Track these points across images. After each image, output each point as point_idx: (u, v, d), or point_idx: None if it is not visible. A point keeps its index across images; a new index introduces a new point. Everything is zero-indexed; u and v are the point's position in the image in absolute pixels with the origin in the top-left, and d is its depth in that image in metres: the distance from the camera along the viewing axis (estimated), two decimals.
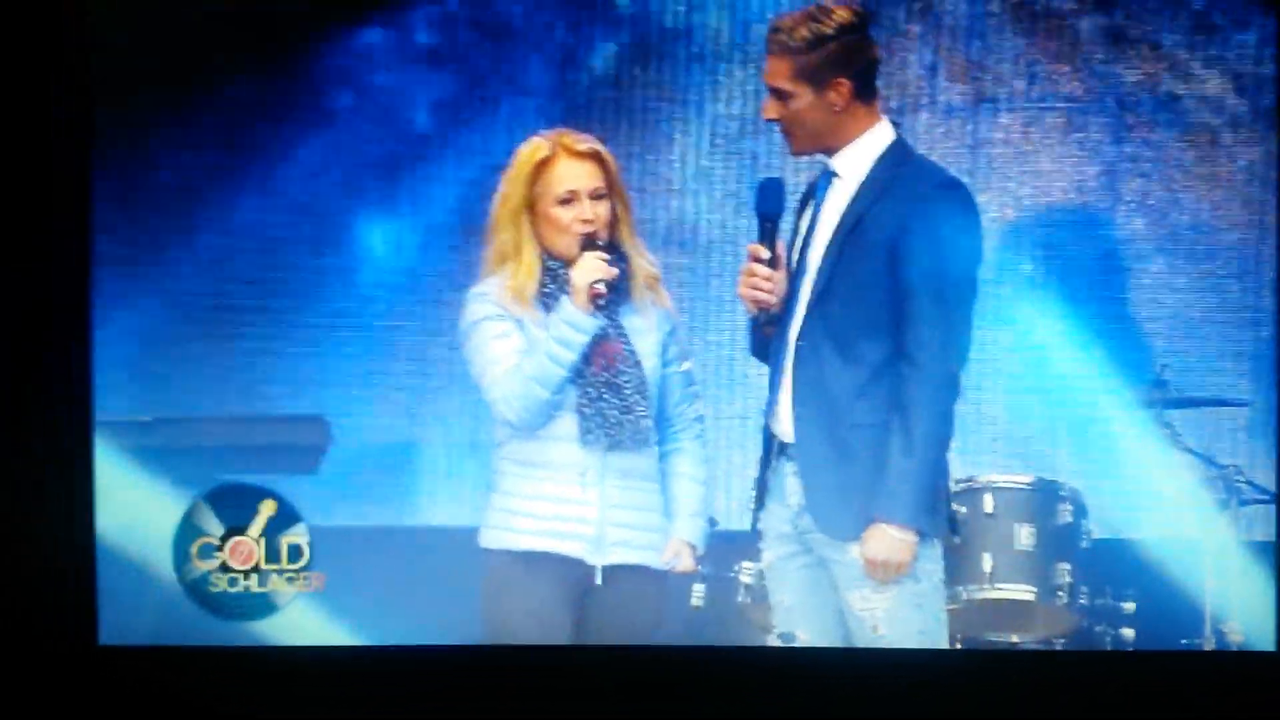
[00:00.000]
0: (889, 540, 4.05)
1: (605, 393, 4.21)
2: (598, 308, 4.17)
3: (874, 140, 4.12)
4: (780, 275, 4.13)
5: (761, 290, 4.11)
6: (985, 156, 4.65)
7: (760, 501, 4.21)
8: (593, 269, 4.17)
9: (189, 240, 4.64)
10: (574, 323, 4.17)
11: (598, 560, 4.21)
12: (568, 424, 4.21)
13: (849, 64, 4.07)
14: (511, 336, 4.20)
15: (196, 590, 4.56)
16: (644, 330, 4.27)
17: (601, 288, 4.16)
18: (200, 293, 4.65)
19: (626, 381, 4.22)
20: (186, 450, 4.59)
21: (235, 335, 4.64)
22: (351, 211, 4.67)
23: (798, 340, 4.11)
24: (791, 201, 4.19)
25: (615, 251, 4.22)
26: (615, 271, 4.18)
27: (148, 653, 4.57)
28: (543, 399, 4.18)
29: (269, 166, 4.65)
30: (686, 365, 4.37)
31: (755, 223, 4.15)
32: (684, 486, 4.29)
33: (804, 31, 4.05)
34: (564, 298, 4.19)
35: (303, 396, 4.66)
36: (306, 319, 4.67)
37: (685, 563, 4.29)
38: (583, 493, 4.20)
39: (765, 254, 4.11)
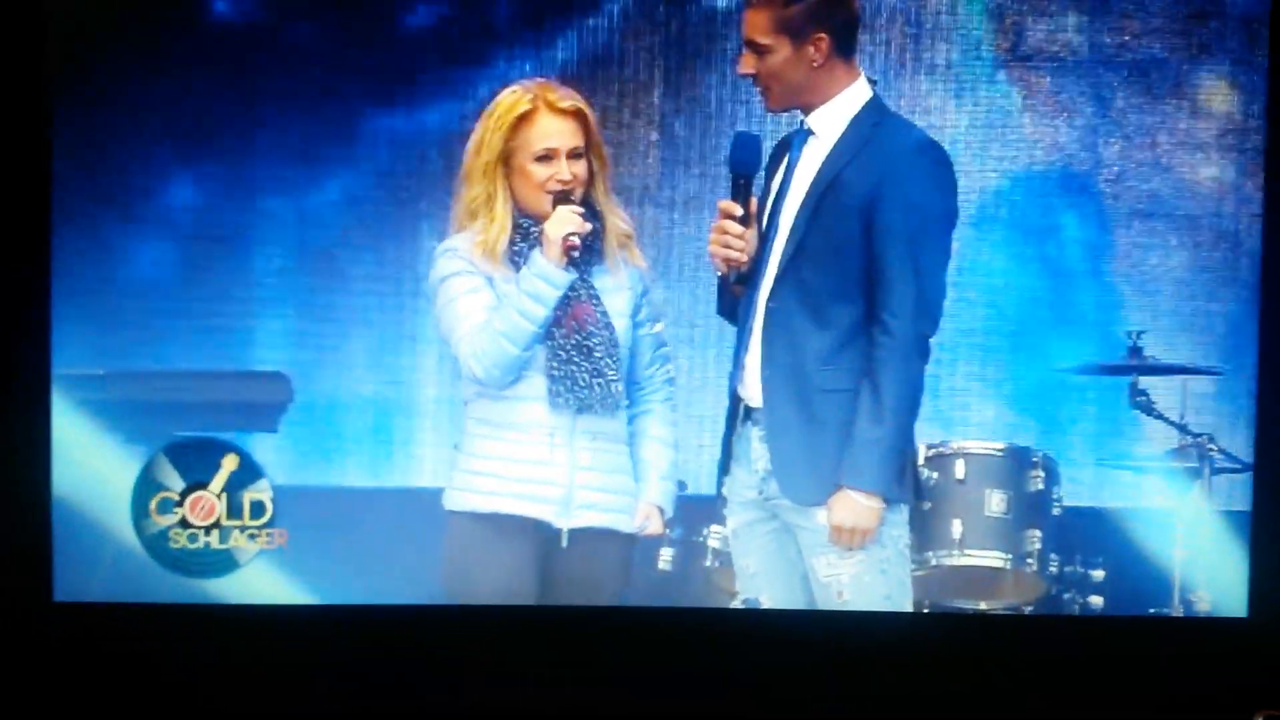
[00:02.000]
0: (855, 506, 4.03)
1: (575, 355, 4.16)
2: (571, 261, 4.11)
3: (851, 98, 4.08)
4: (752, 233, 4.09)
5: (733, 249, 4.07)
6: (965, 117, 4.59)
7: (725, 466, 4.19)
8: (566, 221, 4.11)
9: (149, 192, 4.57)
10: (546, 276, 4.11)
11: (564, 523, 4.17)
12: (536, 385, 4.16)
13: (828, 19, 4.03)
14: (481, 292, 4.14)
15: (155, 546, 4.51)
16: (616, 289, 4.21)
17: (575, 240, 4.10)
18: (160, 245, 4.58)
19: (598, 344, 4.17)
20: (142, 405, 4.52)
21: (195, 288, 4.57)
22: (315, 163, 4.60)
23: (768, 302, 4.08)
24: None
25: (589, 209, 4.16)
26: (589, 226, 4.13)
27: (104, 609, 4.52)
28: (513, 355, 4.13)
29: (231, 119, 4.56)
30: (658, 327, 4.32)
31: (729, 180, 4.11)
32: (653, 449, 4.25)
33: None
34: (535, 251, 4.13)
35: (264, 352, 4.59)
36: (268, 273, 4.61)
37: (655, 526, 4.26)
38: (550, 454, 4.16)
39: (738, 211, 4.07)
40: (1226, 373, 4.58)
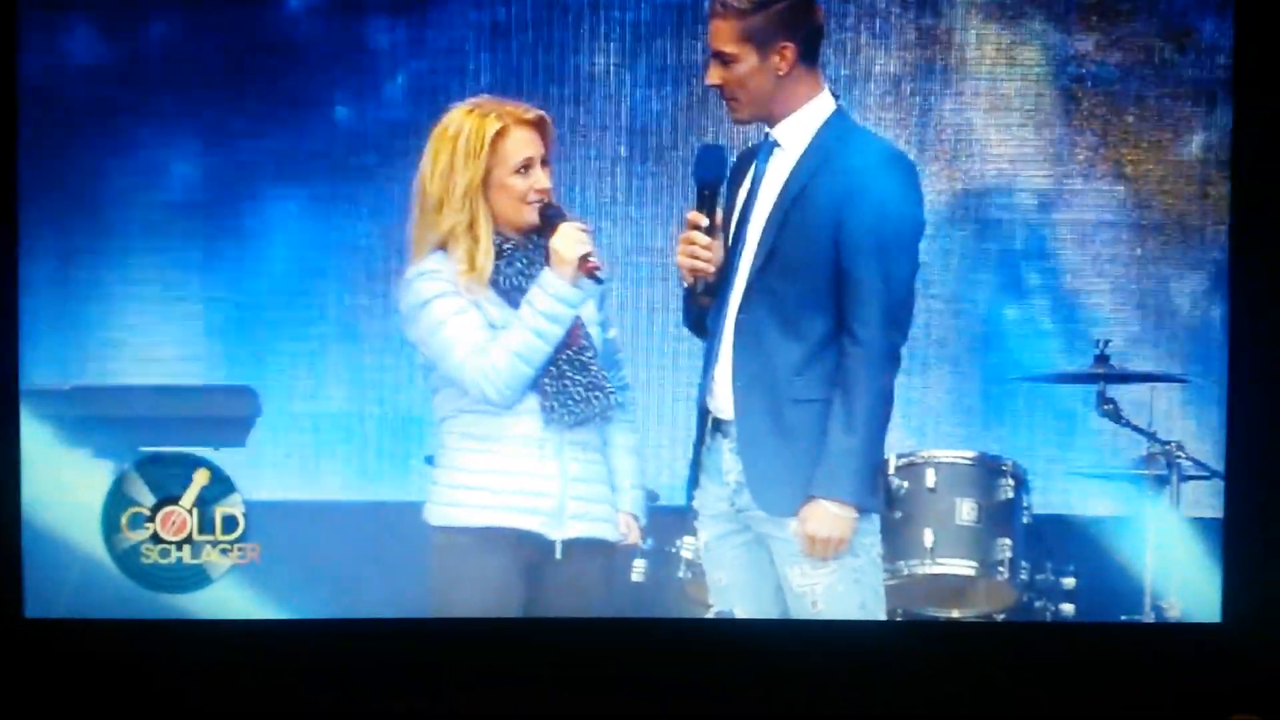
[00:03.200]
0: (828, 517, 4.03)
1: (569, 370, 4.14)
2: (597, 281, 4.10)
3: (816, 110, 4.09)
4: (718, 244, 4.09)
5: (700, 259, 4.07)
6: (931, 128, 4.61)
7: (695, 479, 4.18)
8: (577, 241, 4.09)
9: (117, 207, 4.56)
10: (563, 297, 4.09)
11: (557, 534, 4.15)
12: (528, 401, 4.13)
13: (794, 28, 4.03)
14: (469, 313, 4.10)
15: (127, 561, 4.51)
16: (583, 298, 4.19)
17: (595, 260, 4.09)
18: (127, 260, 4.57)
19: (590, 358, 4.17)
20: (109, 420, 4.52)
21: (163, 303, 4.56)
22: (283, 180, 4.60)
23: (738, 314, 4.07)
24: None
25: (559, 213, 4.14)
26: (592, 239, 4.12)
27: (76, 625, 4.51)
28: (528, 376, 4.10)
29: (200, 136, 4.56)
30: (613, 332, 4.32)
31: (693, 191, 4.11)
32: (621, 459, 4.24)
33: None
34: (546, 272, 4.10)
35: (231, 367, 4.59)
36: (237, 287, 4.61)
37: (634, 535, 4.26)
38: (542, 466, 4.14)
39: (704, 222, 4.07)
40: (1193, 380, 4.60)
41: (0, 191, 4.48)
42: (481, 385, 4.11)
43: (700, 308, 4.15)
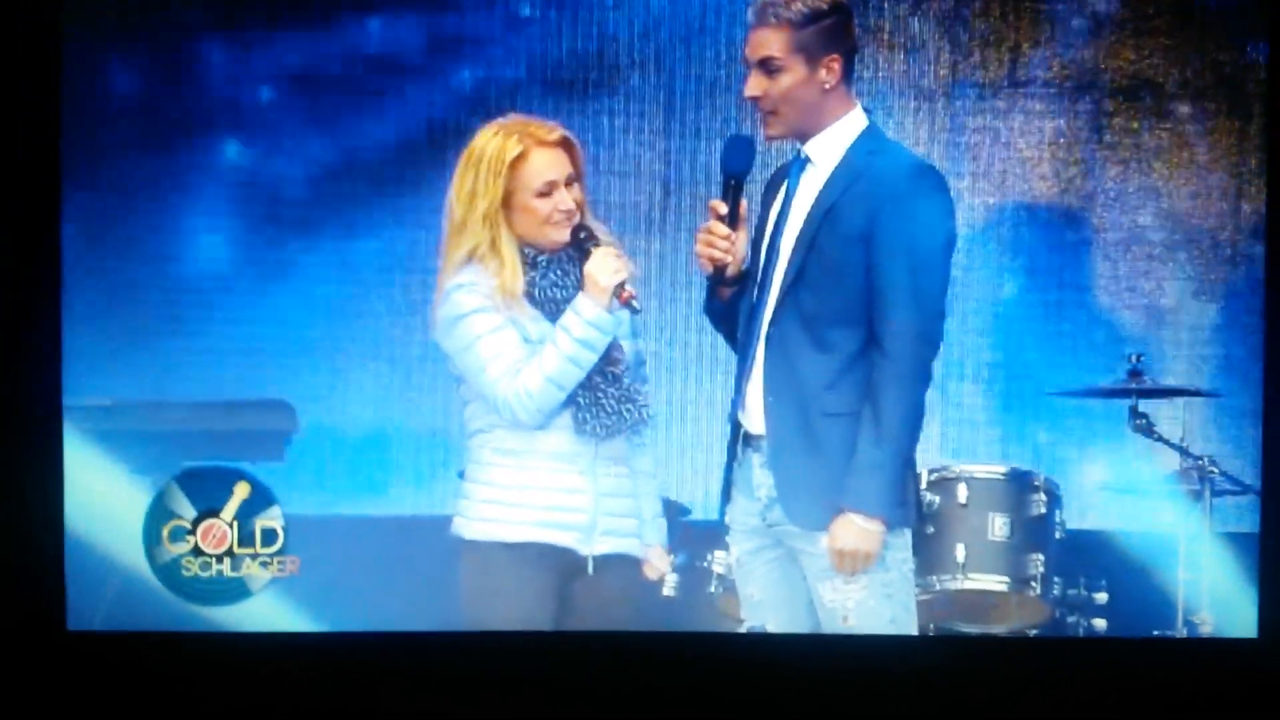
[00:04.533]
0: (856, 530, 4.04)
1: (602, 383, 4.15)
2: (634, 310, 4.11)
3: (848, 126, 4.09)
4: (740, 236, 4.08)
5: (717, 249, 4.07)
6: (962, 144, 4.62)
7: (727, 494, 4.18)
8: (612, 269, 4.09)
9: (159, 225, 4.61)
10: (599, 324, 4.10)
11: (589, 550, 4.17)
12: (562, 415, 4.14)
13: (841, 42, 4.05)
14: (506, 330, 4.11)
15: (168, 574, 4.53)
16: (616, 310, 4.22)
17: (632, 289, 4.09)
18: (167, 277, 4.62)
19: (624, 370, 4.18)
20: (149, 435, 4.57)
21: (202, 319, 4.61)
22: (319, 197, 4.64)
23: (769, 328, 4.08)
24: (759, 182, 4.16)
25: (587, 231, 4.16)
26: (631, 267, 4.13)
27: (117, 638, 4.55)
28: (560, 400, 4.12)
29: (239, 154, 4.61)
30: (639, 344, 4.32)
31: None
32: (643, 486, 4.25)
33: (799, 4, 4.01)
34: (582, 297, 4.11)
35: (269, 382, 4.63)
36: (273, 303, 4.65)
37: (663, 565, 4.27)
38: (574, 481, 4.15)
39: (723, 210, 4.06)
40: (1227, 395, 4.59)
41: (44, 209, 4.54)
42: (513, 407, 4.12)
43: (721, 300, 4.15)
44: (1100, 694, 4.54)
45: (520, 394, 4.11)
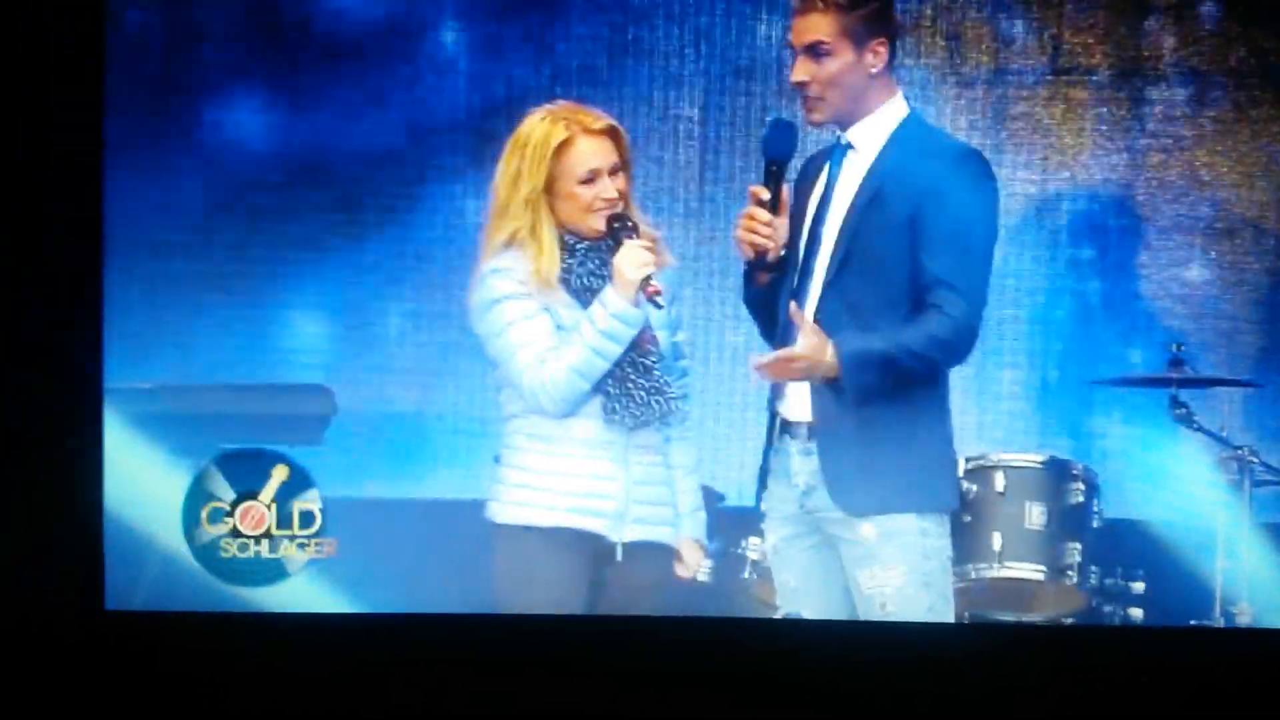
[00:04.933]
0: (819, 344, 3.98)
1: (633, 373, 4.15)
2: (658, 306, 4.10)
3: (890, 112, 4.08)
4: (781, 221, 4.06)
5: (759, 235, 4.05)
6: (1005, 131, 4.60)
7: (764, 482, 4.18)
8: (639, 262, 4.08)
9: (201, 211, 4.63)
10: (624, 317, 4.10)
11: (618, 536, 4.18)
12: (592, 402, 4.15)
13: (886, 26, 4.04)
14: (538, 318, 4.13)
15: (206, 555, 4.56)
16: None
17: (658, 284, 4.08)
18: (210, 263, 4.64)
19: (655, 362, 4.17)
20: (189, 418, 4.59)
21: (244, 305, 4.63)
22: (357, 185, 4.65)
23: (814, 315, 4.06)
24: (797, 167, 4.15)
25: (629, 222, 4.16)
26: (661, 259, 4.12)
27: (155, 618, 4.58)
28: (584, 390, 4.13)
29: (279, 133, 4.62)
30: (681, 335, 4.32)
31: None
32: (681, 480, 4.25)
33: None
34: (609, 290, 4.11)
35: (308, 366, 4.65)
36: (312, 288, 4.66)
37: (697, 558, 4.27)
38: (606, 469, 4.16)
39: (765, 195, 4.04)
40: (1267, 385, 4.56)
41: (86, 194, 4.56)
42: (538, 395, 4.14)
43: (759, 286, 4.14)
44: (1136, 683, 4.52)
45: (545, 383, 4.12)
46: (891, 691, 4.50)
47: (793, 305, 4.00)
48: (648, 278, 4.09)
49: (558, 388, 4.12)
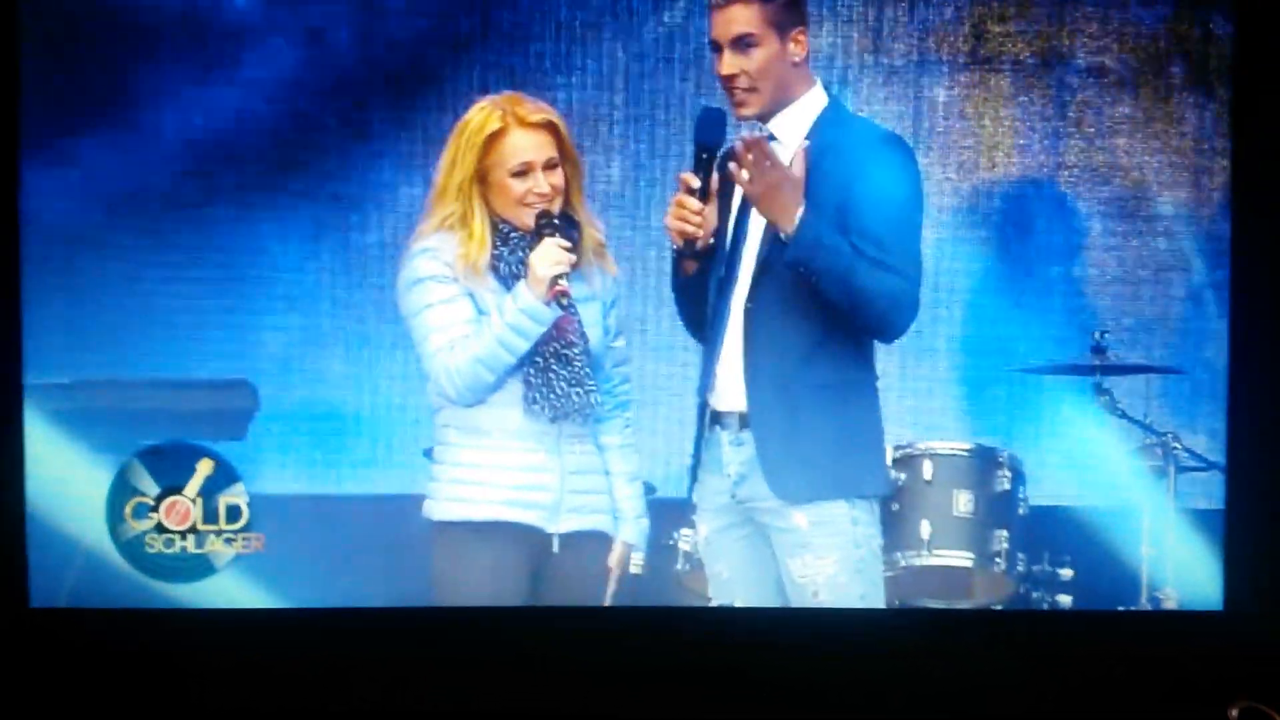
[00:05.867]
0: (798, 186, 3.98)
1: (554, 363, 4.15)
2: (562, 307, 4.10)
3: (811, 102, 4.11)
4: (710, 209, 4.07)
5: (689, 223, 4.05)
6: (926, 120, 4.61)
7: (695, 474, 4.20)
8: (553, 259, 4.08)
9: (118, 201, 4.57)
10: (532, 313, 4.10)
11: (554, 528, 4.18)
12: (512, 391, 4.15)
13: (803, 15, 4.07)
14: (457, 303, 4.13)
15: (131, 551, 4.52)
16: (590, 298, 4.21)
17: (565, 284, 4.08)
18: (129, 254, 4.58)
19: (577, 354, 4.17)
20: (109, 414, 4.53)
21: (163, 296, 4.58)
22: (283, 173, 4.60)
23: (746, 304, 4.08)
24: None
25: (567, 219, 4.15)
26: (574, 258, 4.11)
27: (80, 615, 4.54)
28: (488, 382, 4.13)
29: (201, 126, 4.57)
30: (620, 341, 4.32)
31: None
32: (621, 488, 4.26)
33: None
34: (521, 284, 4.11)
35: (230, 360, 4.60)
36: (239, 279, 4.61)
37: (625, 562, 4.28)
38: (541, 460, 4.16)
39: (695, 183, 4.05)
40: (1190, 372, 4.61)
41: (2, 187, 4.50)
42: (442, 382, 4.14)
43: (687, 274, 4.14)
44: (1065, 667, 4.57)
45: (450, 369, 4.12)
46: (822, 677, 4.53)
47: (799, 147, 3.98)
48: (558, 277, 4.08)
49: (462, 375, 4.11)
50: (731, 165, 4.00)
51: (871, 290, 4.00)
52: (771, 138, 4.10)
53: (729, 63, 4.05)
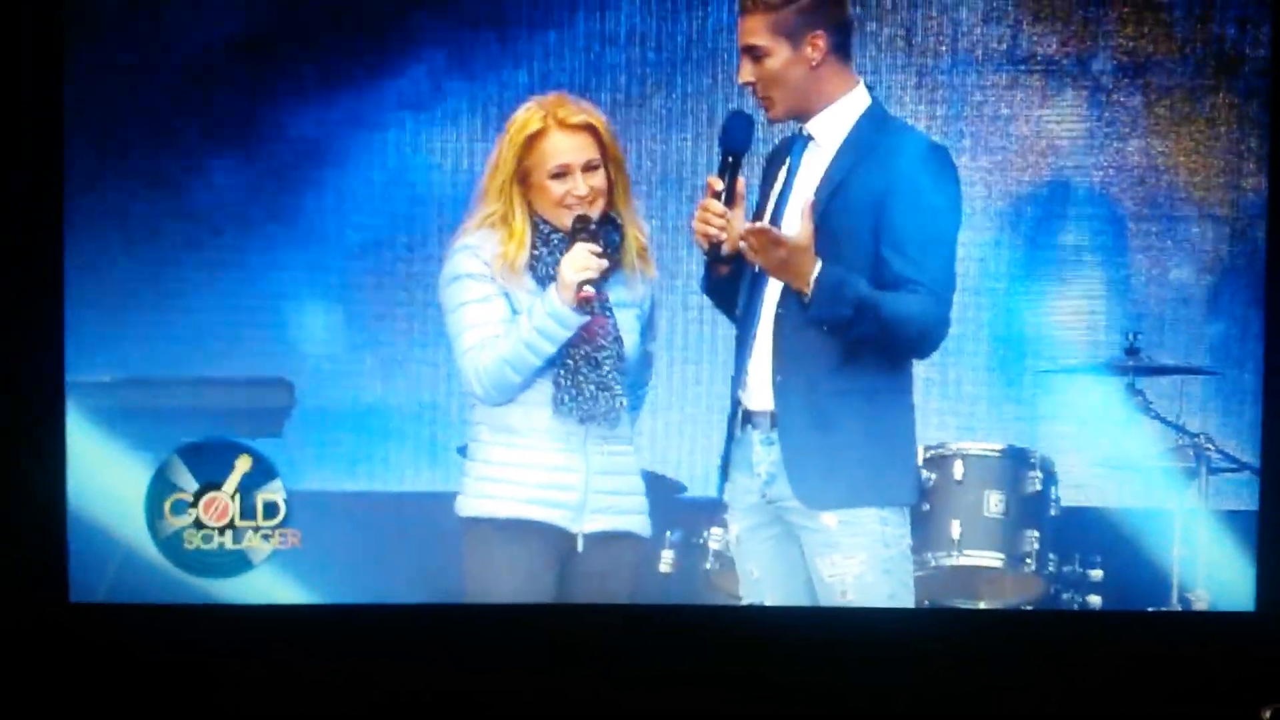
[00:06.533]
0: (808, 246, 3.98)
1: (583, 366, 4.17)
2: (584, 313, 4.10)
3: (850, 104, 4.10)
4: (737, 213, 4.07)
5: (712, 225, 4.06)
6: (962, 121, 4.61)
7: (726, 472, 4.20)
8: (580, 265, 4.10)
9: (161, 201, 4.62)
10: (559, 317, 4.12)
11: (579, 528, 4.19)
12: (542, 390, 4.17)
13: (824, 18, 4.05)
14: (492, 302, 4.15)
15: (170, 547, 4.56)
16: (630, 304, 4.23)
17: (590, 290, 4.09)
18: (171, 254, 4.63)
19: (606, 357, 4.18)
20: (148, 412, 4.58)
21: (203, 295, 4.62)
22: (319, 170, 4.64)
23: (777, 308, 4.08)
24: (757, 158, 4.16)
25: (610, 222, 4.17)
26: (605, 264, 4.12)
27: (119, 610, 4.58)
28: (514, 383, 4.15)
29: (244, 130, 4.61)
30: (652, 345, 4.34)
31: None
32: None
33: None
34: (551, 288, 4.13)
35: (268, 358, 4.64)
36: (273, 279, 4.65)
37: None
38: (567, 460, 4.18)
39: (719, 186, 4.06)
40: (1224, 373, 4.59)
41: (46, 186, 4.55)
42: (471, 381, 4.17)
43: (718, 276, 4.15)
44: (1095, 668, 4.56)
45: (478, 369, 4.15)
46: (851, 676, 4.52)
47: (806, 201, 4.01)
48: (584, 282, 4.10)
49: (490, 375, 4.14)
50: (742, 245, 4.02)
51: (900, 319, 4.00)
52: (810, 138, 4.10)
53: (743, 70, 4.08)
